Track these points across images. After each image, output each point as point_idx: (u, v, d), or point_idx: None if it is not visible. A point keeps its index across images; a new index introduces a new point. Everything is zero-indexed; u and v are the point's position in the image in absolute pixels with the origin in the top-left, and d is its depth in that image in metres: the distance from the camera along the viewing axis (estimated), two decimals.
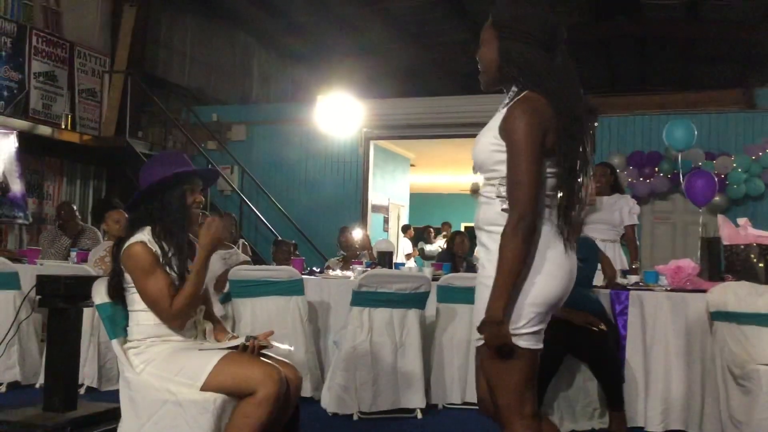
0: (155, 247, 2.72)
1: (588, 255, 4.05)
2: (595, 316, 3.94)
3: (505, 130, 2.08)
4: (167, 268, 2.73)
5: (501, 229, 2.07)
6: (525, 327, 2.06)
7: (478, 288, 2.16)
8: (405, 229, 13.12)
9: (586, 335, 3.85)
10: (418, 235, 13.57)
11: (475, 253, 9.86)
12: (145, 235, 2.74)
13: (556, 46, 2.15)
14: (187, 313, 2.74)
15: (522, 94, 2.11)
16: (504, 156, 2.09)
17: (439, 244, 12.58)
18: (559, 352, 3.86)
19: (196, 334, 2.86)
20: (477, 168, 2.22)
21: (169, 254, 2.75)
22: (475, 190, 2.36)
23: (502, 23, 2.15)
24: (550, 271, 2.08)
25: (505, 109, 2.13)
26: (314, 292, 5.02)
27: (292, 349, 2.95)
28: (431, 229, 12.22)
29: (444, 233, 13.18)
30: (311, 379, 4.63)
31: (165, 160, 2.91)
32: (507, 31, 2.13)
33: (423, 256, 12.16)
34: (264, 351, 2.77)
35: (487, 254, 2.14)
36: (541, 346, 2.12)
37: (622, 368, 4.13)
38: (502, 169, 2.10)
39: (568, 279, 2.13)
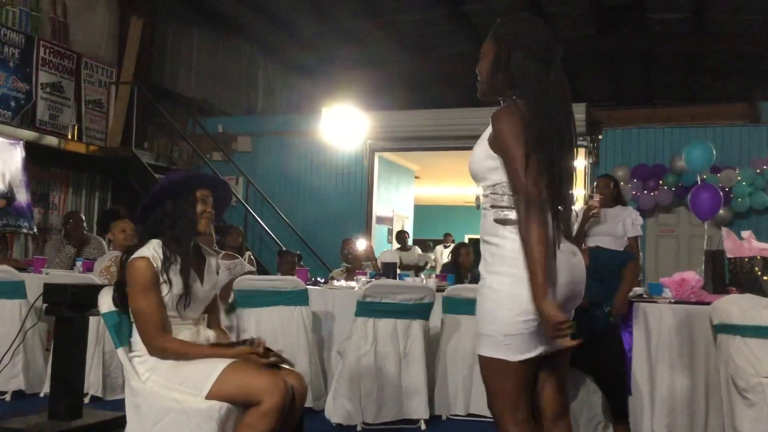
0: (158, 262, 2.71)
1: (604, 275, 3.99)
2: (600, 334, 3.91)
3: (492, 135, 2.14)
4: (167, 276, 2.72)
5: (497, 240, 2.12)
6: (518, 336, 2.07)
7: (478, 298, 2.18)
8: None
9: (591, 348, 3.83)
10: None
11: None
12: (150, 249, 2.73)
13: (553, 62, 2.19)
14: (165, 356, 2.69)
15: (505, 104, 2.18)
16: (494, 163, 2.14)
17: (417, 251, 11.95)
18: None
19: (199, 343, 2.87)
20: (474, 179, 2.26)
21: (172, 262, 2.74)
22: (478, 206, 2.39)
23: (501, 35, 2.21)
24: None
25: None
26: (319, 302, 5.03)
27: (293, 366, 2.93)
28: (407, 235, 11.51)
29: (447, 244, 12.99)
30: (314, 389, 4.62)
31: (178, 172, 2.96)
32: (504, 41, 2.19)
33: (401, 266, 10.99)
34: (269, 360, 2.76)
35: (485, 265, 2.18)
36: (536, 353, 2.11)
37: (628, 381, 4.11)
38: (494, 177, 2.16)
39: (569, 281, 2.14)
